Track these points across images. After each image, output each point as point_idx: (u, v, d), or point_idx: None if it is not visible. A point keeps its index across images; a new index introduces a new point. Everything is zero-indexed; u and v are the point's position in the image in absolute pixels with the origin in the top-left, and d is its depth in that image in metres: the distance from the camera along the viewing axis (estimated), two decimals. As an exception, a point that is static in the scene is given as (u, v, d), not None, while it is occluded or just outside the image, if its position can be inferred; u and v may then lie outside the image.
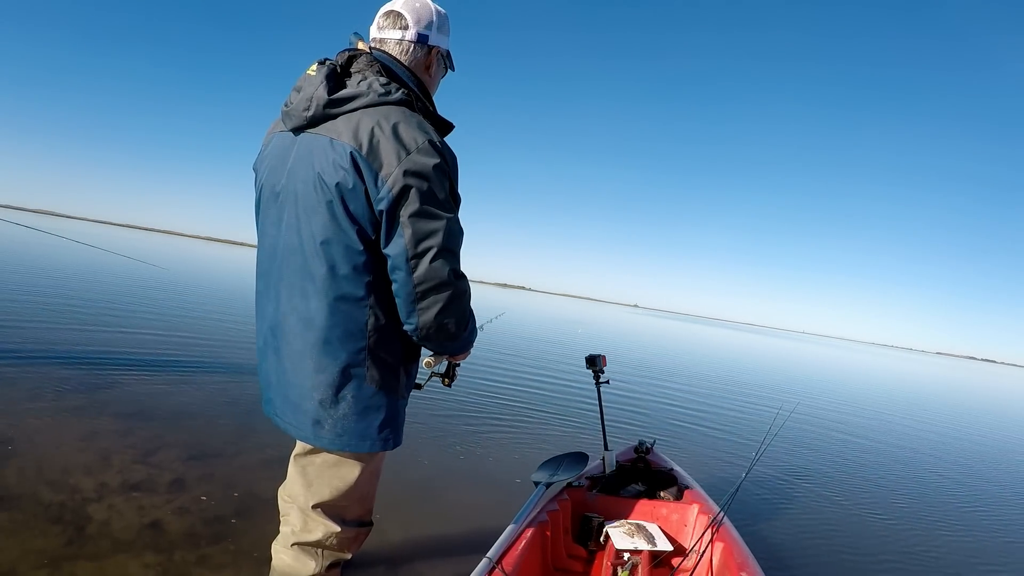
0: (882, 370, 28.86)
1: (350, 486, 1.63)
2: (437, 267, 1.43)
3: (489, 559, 1.72)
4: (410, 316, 1.47)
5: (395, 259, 1.44)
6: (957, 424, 10.34)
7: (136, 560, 2.11)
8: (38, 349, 5.21)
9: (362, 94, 1.46)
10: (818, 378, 17.11)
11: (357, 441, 1.55)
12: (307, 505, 1.65)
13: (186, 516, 2.48)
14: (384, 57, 1.58)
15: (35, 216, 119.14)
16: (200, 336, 7.41)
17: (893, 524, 3.92)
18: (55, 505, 2.40)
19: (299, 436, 1.59)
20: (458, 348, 1.64)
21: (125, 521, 2.37)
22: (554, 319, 29.15)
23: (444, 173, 1.44)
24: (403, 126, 1.42)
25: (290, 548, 1.68)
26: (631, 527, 2.34)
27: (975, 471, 6.24)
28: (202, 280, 18.74)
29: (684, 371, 12.64)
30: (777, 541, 3.25)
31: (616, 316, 60.11)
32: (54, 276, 12.02)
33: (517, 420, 5.23)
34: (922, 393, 17.38)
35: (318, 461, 1.63)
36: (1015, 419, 13.42)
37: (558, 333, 18.77)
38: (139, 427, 3.49)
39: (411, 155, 1.40)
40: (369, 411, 1.54)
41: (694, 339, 30.80)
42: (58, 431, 3.24)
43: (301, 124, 1.50)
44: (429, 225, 1.41)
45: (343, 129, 1.44)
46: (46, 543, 2.13)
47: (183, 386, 4.66)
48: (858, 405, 10.98)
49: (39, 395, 3.82)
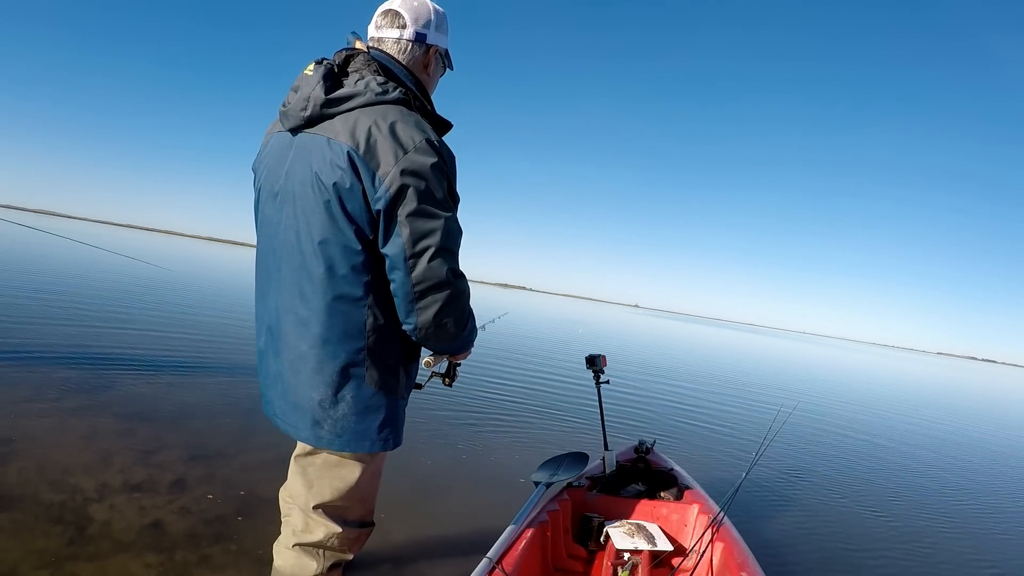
0: (883, 370, 28.82)
1: (351, 487, 1.63)
2: (435, 266, 1.42)
3: (489, 559, 1.72)
4: (409, 316, 1.47)
5: (393, 259, 1.43)
6: (957, 424, 10.33)
7: (137, 560, 2.11)
8: (39, 349, 5.22)
9: (359, 93, 1.46)
10: (818, 378, 17.09)
11: (357, 441, 1.55)
12: (308, 506, 1.64)
13: (187, 516, 2.49)
14: (382, 56, 1.57)
15: (35, 216, 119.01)
16: (201, 336, 7.42)
17: (893, 523, 3.92)
18: (56, 505, 2.41)
19: (299, 437, 1.59)
20: (458, 348, 1.64)
21: (126, 521, 2.37)
22: (555, 319, 29.14)
23: (442, 172, 1.43)
24: (400, 125, 1.42)
25: (291, 549, 1.68)
26: (631, 527, 2.34)
27: (975, 471, 6.24)
28: (203, 280, 18.74)
29: (684, 371, 12.63)
30: (777, 541, 3.24)
31: (616, 316, 60.06)
32: (55, 276, 12.03)
33: (517, 420, 5.23)
34: (923, 393, 17.36)
35: (318, 462, 1.63)
36: (1015, 419, 13.41)
37: (559, 333, 18.76)
38: (140, 427, 3.49)
39: (409, 154, 1.39)
40: (369, 411, 1.53)
41: (694, 339, 30.78)
42: (59, 431, 3.24)
43: (299, 124, 1.50)
44: (427, 224, 1.41)
45: (340, 129, 1.44)
46: (47, 543, 2.13)
47: (184, 386, 4.66)
48: (858, 405, 10.97)
49: (40, 395, 3.82)
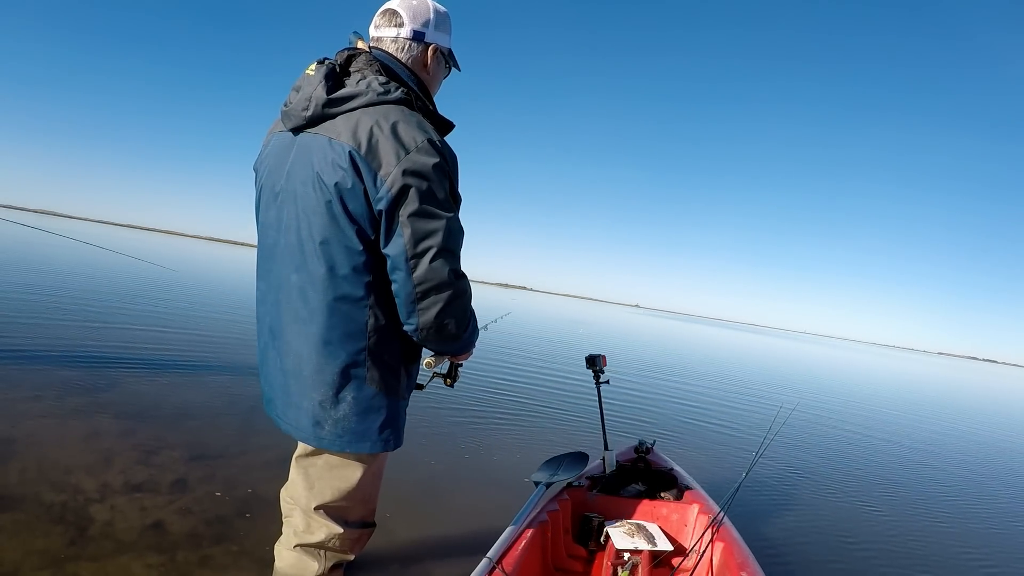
0: (883, 370, 28.81)
1: (352, 487, 1.62)
2: (437, 267, 1.42)
3: (489, 559, 1.72)
4: (410, 316, 1.47)
5: (395, 259, 1.43)
6: (958, 424, 10.32)
7: (139, 561, 2.11)
8: (40, 349, 5.22)
9: (361, 93, 1.45)
10: (819, 378, 17.08)
11: (357, 442, 1.55)
12: (309, 506, 1.64)
13: (188, 517, 2.48)
14: (383, 56, 1.57)
15: (37, 216, 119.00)
16: (201, 336, 7.42)
17: (894, 523, 3.92)
18: (57, 505, 2.41)
19: (300, 437, 1.59)
20: (459, 348, 1.63)
21: (127, 522, 2.37)
22: (555, 319, 29.14)
23: (444, 172, 1.43)
24: (402, 125, 1.42)
25: (293, 549, 1.68)
26: (631, 527, 2.34)
27: (976, 470, 6.23)
28: (203, 279, 18.75)
29: (684, 370, 12.63)
30: (777, 541, 3.24)
31: (617, 316, 60.05)
32: (56, 276, 12.03)
33: (518, 420, 5.22)
34: (923, 393, 17.35)
35: (320, 462, 1.63)
36: (1016, 419, 13.39)
37: (559, 333, 18.76)
38: (141, 427, 3.49)
39: (410, 154, 1.39)
40: (370, 412, 1.53)
41: (695, 339, 30.78)
42: (60, 431, 3.24)
43: (300, 124, 1.50)
44: (429, 225, 1.41)
45: (342, 129, 1.43)
46: (48, 544, 2.13)
47: (185, 386, 4.66)
48: (859, 404, 10.96)
49: (41, 395, 3.82)
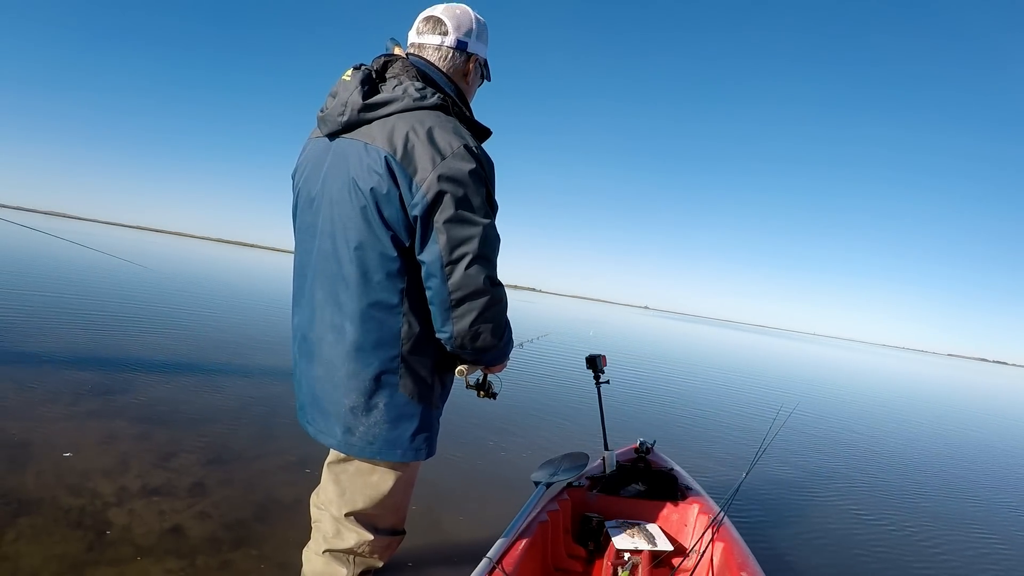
0: (891, 371, 28.67)
1: (384, 495, 1.60)
2: (472, 274, 1.40)
3: (489, 559, 1.72)
4: (444, 324, 1.44)
5: (430, 266, 1.41)
6: (962, 425, 10.22)
7: (158, 566, 2.10)
8: (56, 352, 5.23)
9: (397, 99, 1.44)
10: (822, 379, 17.00)
11: (388, 449, 1.52)
12: (340, 513, 1.62)
13: (207, 521, 2.47)
14: (420, 63, 1.55)
15: (44, 218, 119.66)
16: (218, 339, 7.43)
17: (894, 523, 3.88)
18: (75, 510, 2.40)
19: (330, 444, 1.57)
20: (493, 358, 1.60)
21: (146, 526, 2.36)
22: (564, 320, 29.09)
23: (480, 178, 1.41)
24: (438, 131, 1.40)
25: (321, 555, 1.66)
26: (631, 527, 2.35)
27: (978, 471, 6.17)
28: (205, 281, 18.81)
29: (686, 371, 12.61)
30: (778, 541, 3.22)
31: (627, 318, 59.98)
32: (70, 281, 12.09)
33: (518, 420, 5.21)
34: (930, 394, 17.22)
35: (351, 469, 1.61)
36: (1021, 420, 13.28)
37: (568, 336, 18.71)
38: (157, 430, 3.49)
39: (446, 160, 1.37)
40: (402, 419, 1.51)
41: (701, 340, 30.68)
42: (76, 435, 3.23)
43: (336, 129, 1.49)
44: (464, 231, 1.39)
45: (378, 134, 1.42)
46: (67, 548, 2.12)
47: (202, 389, 4.66)
48: (861, 406, 10.91)
49: (57, 398, 3.82)
